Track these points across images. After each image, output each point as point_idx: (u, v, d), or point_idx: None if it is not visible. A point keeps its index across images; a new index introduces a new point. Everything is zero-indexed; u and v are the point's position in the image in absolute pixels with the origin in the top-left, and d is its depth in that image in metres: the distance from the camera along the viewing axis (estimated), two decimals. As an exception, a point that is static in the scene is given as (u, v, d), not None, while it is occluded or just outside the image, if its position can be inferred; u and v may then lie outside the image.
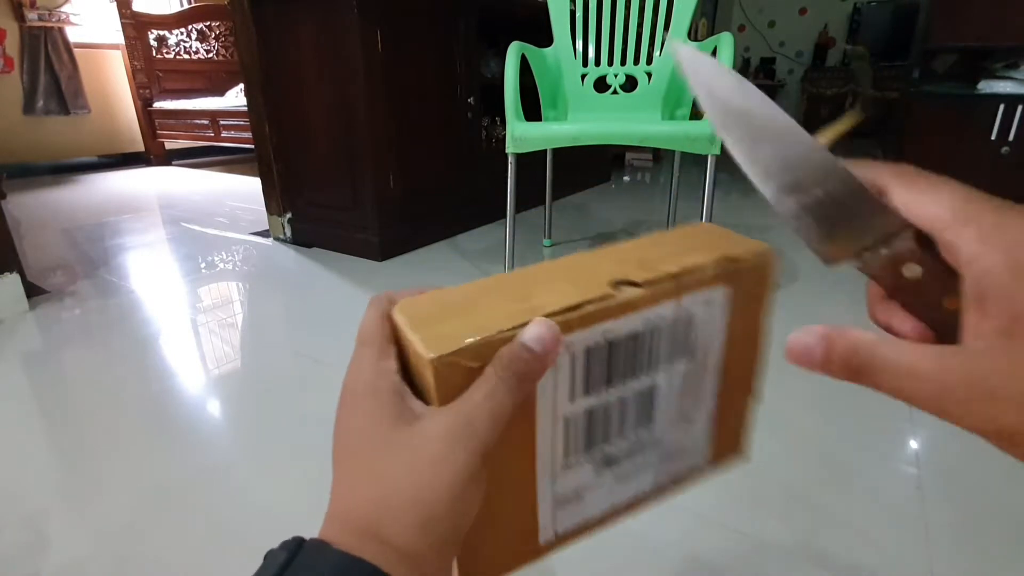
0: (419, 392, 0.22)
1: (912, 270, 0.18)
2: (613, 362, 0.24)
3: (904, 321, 0.20)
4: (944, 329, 0.18)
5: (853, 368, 0.18)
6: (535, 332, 0.21)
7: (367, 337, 0.23)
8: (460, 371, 0.21)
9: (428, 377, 0.21)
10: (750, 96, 0.21)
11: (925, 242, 0.18)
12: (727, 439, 0.30)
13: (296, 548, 0.19)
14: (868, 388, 0.18)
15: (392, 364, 0.22)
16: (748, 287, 0.26)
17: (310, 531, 0.20)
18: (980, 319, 0.16)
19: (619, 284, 0.24)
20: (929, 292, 0.19)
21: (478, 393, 0.20)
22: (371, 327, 0.24)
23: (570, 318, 0.22)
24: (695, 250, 0.26)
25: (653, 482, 0.28)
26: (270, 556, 0.19)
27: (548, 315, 0.22)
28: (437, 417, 0.20)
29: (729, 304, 0.26)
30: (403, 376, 0.22)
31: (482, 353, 0.21)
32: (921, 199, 0.18)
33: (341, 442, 0.22)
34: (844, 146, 4.39)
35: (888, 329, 0.21)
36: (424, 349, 0.21)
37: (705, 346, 0.26)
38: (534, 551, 0.26)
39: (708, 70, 0.22)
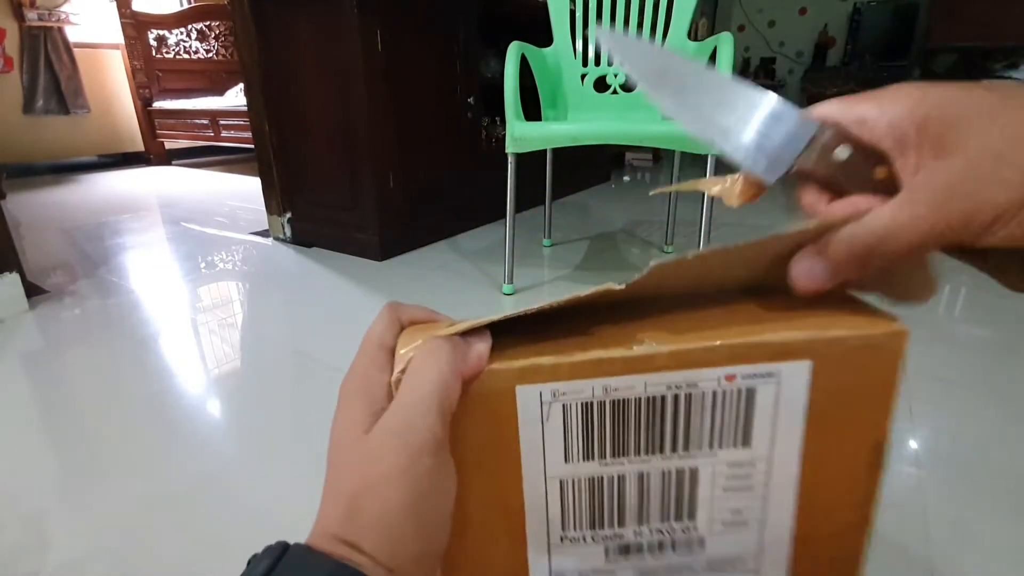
0: None
1: (842, 152, 0.20)
2: (622, 428, 0.21)
3: (843, 206, 0.22)
4: (881, 198, 0.20)
5: (861, 256, 0.19)
6: (454, 328, 0.22)
7: (366, 344, 0.24)
8: None
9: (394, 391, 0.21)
10: (667, 56, 0.24)
11: (848, 133, 0.20)
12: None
13: (280, 553, 0.19)
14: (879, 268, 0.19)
15: (382, 375, 0.22)
16: (853, 372, 0.20)
17: (309, 531, 0.20)
18: (912, 158, 0.19)
19: (642, 338, 0.20)
20: (861, 168, 0.20)
21: (405, 386, 0.21)
22: (373, 335, 0.24)
23: (559, 364, 0.20)
24: (784, 318, 0.21)
25: None
26: (253, 561, 0.19)
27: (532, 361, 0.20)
28: (380, 423, 0.21)
29: (814, 387, 0.20)
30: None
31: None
32: (853, 101, 0.21)
33: (333, 447, 0.22)
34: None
35: (814, 210, 0.23)
36: (396, 367, 0.21)
37: (767, 436, 0.21)
38: None
39: (627, 44, 0.25)
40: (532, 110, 1.45)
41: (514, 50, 1.36)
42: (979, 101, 0.18)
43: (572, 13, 1.56)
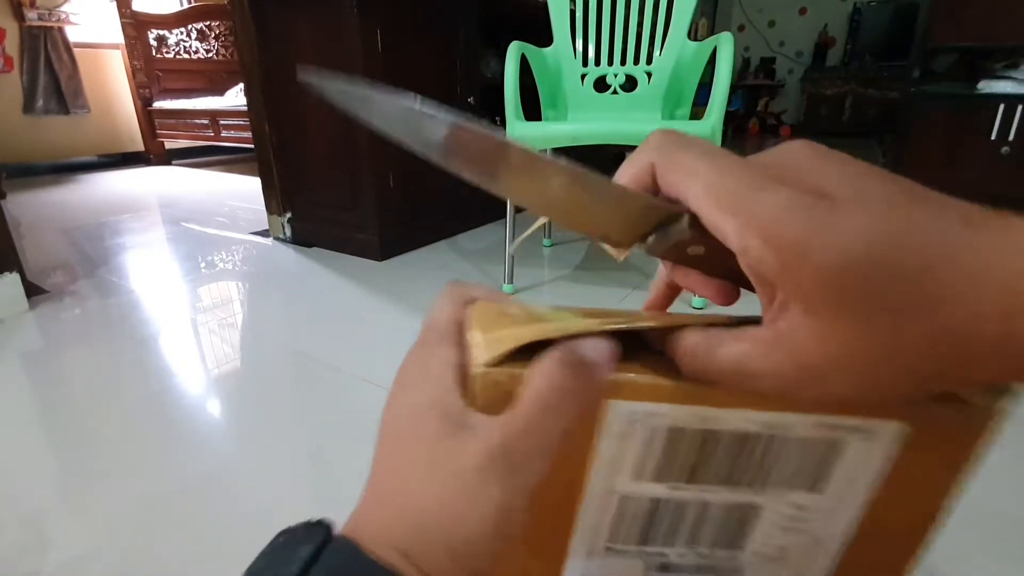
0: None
1: (696, 250, 0.18)
2: (706, 458, 0.20)
3: (706, 284, 0.20)
4: (745, 280, 0.18)
5: (698, 375, 0.18)
6: (594, 342, 0.18)
7: (434, 323, 0.21)
8: (504, 397, 0.18)
9: (474, 387, 0.19)
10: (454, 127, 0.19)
11: (704, 231, 0.17)
12: None
13: (322, 543, 0.17)
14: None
15: (454, 355, 0.20)
16: (941, 440, 0.19)
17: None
18: (773, 294, 0.16)
19: None
20: (717, 262, 0.19)
21: (520, 420, 0.18)
22: (440, 313, 0.22)
23: (660, 385, 0.18)
24: None
25: None
26: (290, 543, 0.17)
27: (631, 377, 0.18)
28: (479, 440, 0.18)
29: (904, 449, 0.19)
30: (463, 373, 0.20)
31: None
32: (679, 181, 0.18)
33: (386, 433, 0.19)
34: (843, 147, 4.38)
35: (692, 290, 0.21)
36: (476, 347, 0.19)
37: (840, 487, 0.20)
38: None
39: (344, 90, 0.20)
40: (532, 110, 1.45)
41: (514, 50, 1.36)
42: (854, 246, 0.14)
43: (572, 13, 1.56)
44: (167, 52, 3.98)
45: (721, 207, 0.16)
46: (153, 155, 4.07)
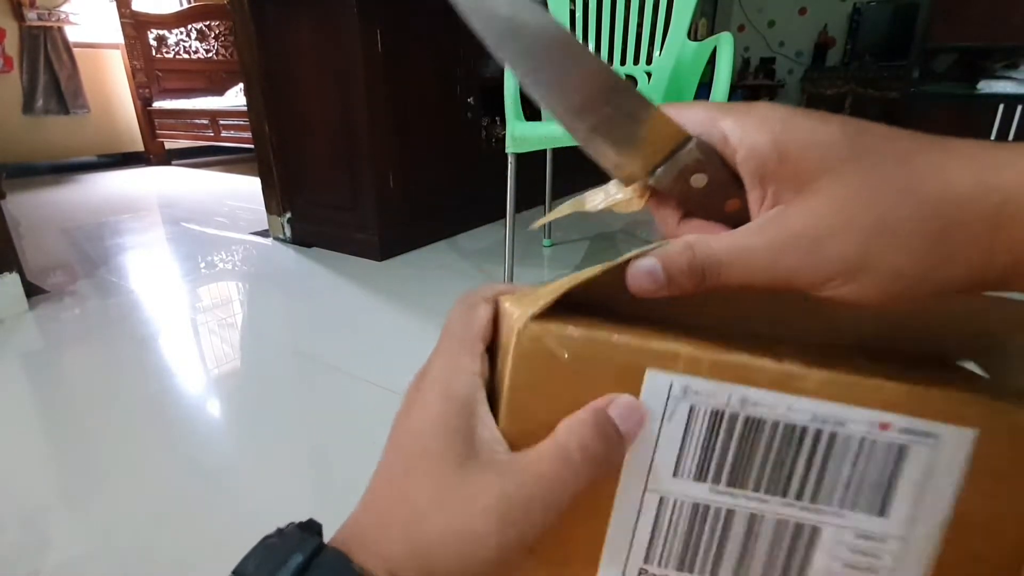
0: (494, 389, 0.19)
1: (699, 180, 0.19)
2: (749, 451, 0.18)
3: (706, 228, 0.21)
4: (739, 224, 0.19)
5: (698, 273, 0.18)
6: (623, 407, 0.17)
7: (453, 328, 0.21)
8: (543, 357, 0.17)
9: (508, 352, 0.17)
10: (520, 7, 0.21)
11: (709, 152, 0.19)
12: None
13: (313, 552, 0.16)
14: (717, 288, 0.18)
15: (473, 363, 0.19)
16: (1018, 451, 0.17)
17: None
18: (766, 190, 0.18)
19: (793, 353, 0.18)
20: (714, 198, 0.20)
21: (543, 465, 0.17)
22: (459, 318, 0.21)
23: (700, 356, 0.17)
24: (945, 378, 0.18)
25: None
26: (281, 548, 0.17)
27: (668, 347, 0.17)
28: (490, 479, 0.17)
29: (976, 459, 0.17)
30: (486, 381, 0.19)
31: (577, 346, 0.17)
32: (689, 110, 0.20)
33: (396, 450, 0.19)
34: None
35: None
36: (514, 312, 0.18)
37: (908, 507, 0.17)
38: None
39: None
40: (532, 110, 1.45)
41: (514, 50, 1.36)
42: (841, 143, 0.16)
43: (572, 13, 1.56)
44: (167, 52, 3.97)
45: (724, 112, 0.19)
46: (153, 155, 4.07)
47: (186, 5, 4.18)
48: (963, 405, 0.17)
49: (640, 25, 1.52)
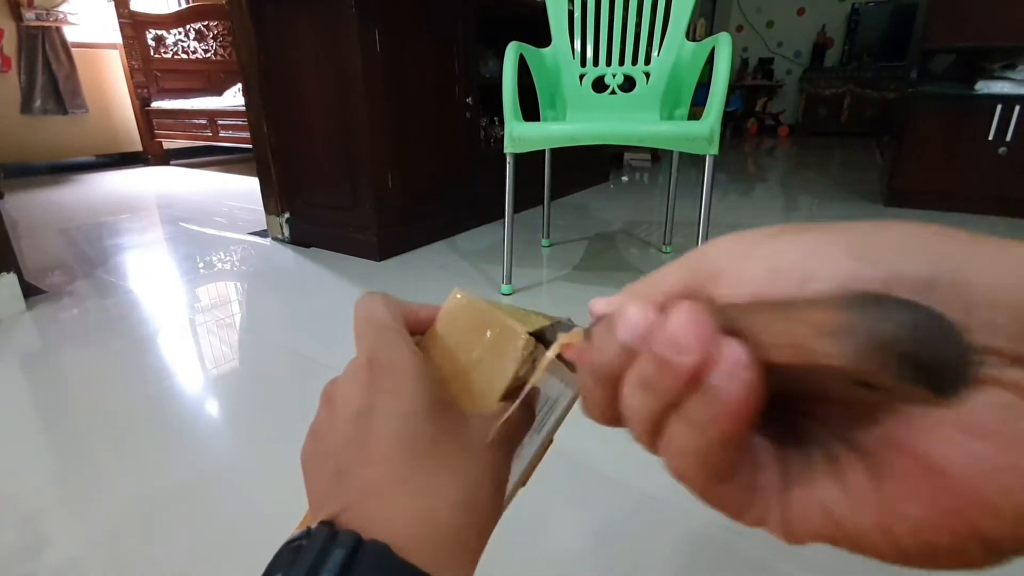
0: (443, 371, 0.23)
1: None
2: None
3: None
4: None
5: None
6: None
7: (388, 322, 0.21)
8: (527, 368, 0.21)
9: (505, 355, 0.21)
10: None
11: None
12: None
13: (354, 547, 0.16)
14: None
15: (421, 354, 0.21)
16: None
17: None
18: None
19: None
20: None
21: (518, 410, 0.20)
22: (385, 313, 0.21)
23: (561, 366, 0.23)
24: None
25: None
26: (316, 548, 0.16)
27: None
28: (485, 421, 0.19)
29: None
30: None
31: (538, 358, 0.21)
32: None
33: (391, 429, 0.18)
34: (842, 147, 4.40)
35: None
36: (519, 330, 0.21)
37: (546, 425, 0.28)
38: None
39: None
40: (531, 110, 1.45)
41: (512, 50, 1.36)
42: None
43: (571, 13, 1.56)
44: (165, 52, 3.97)
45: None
46: (151, 155, 4.07)
47: (184, 5, 4.18)
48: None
49: (639, 25, 1.52)
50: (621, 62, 1.56)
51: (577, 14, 1.55)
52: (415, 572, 0.16)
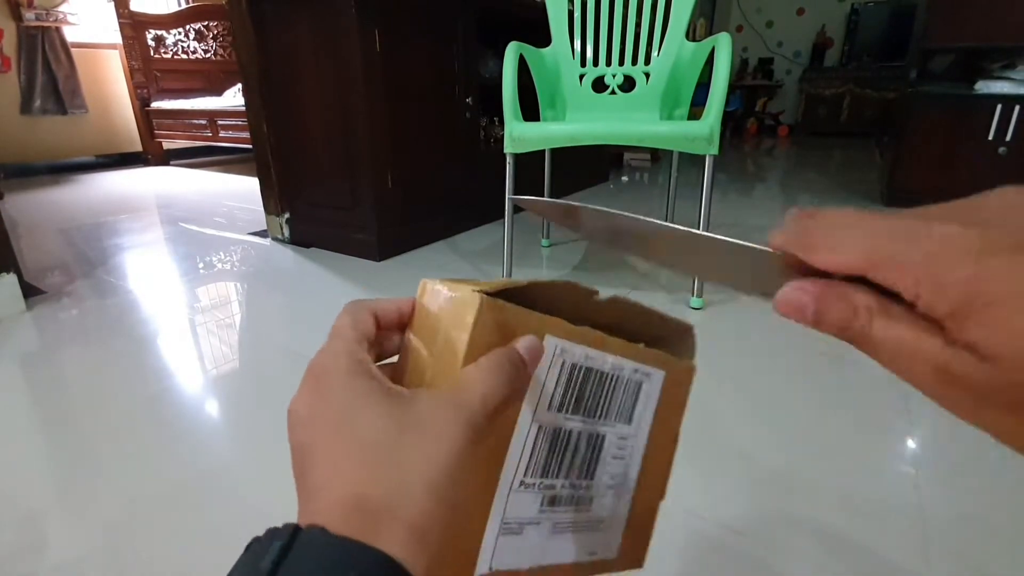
0: (418, 374, 0.24)
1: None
2: (584, 389, 0.27)
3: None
4: None
5: (847, 337, 0.17)
6: (529, 343, 0.23)
7: (341, 331, 0.24)
8: (491, 323, 0.22)
9: (464, 325, 0.22)
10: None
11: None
12: (633, 539, 0.31)
13: (291, 536, 0.17)
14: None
15: (367, 356, 0.23)
16: (676, 383, 0.30)
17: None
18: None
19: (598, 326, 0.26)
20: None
21: (471, 375, 0.21)
22: (344, 324, 0.24)
23: (570, 328, 0.25)
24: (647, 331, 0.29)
25: (574, 557, 0.29)
26: (257, 545, 0.18)
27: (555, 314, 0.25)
28: (431, 394, 0.21)
29: (662, 389, 0.30)
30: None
31: (511, 315, 0.23)
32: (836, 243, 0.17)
33: (326, 425, 0.20)
34: (841, 147, 4.40)
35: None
36: (469, 293, 0.22)
37: (639, 419, 0.29)
38: None
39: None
40: (531, 110, 1.45)
41: (512, 50, 1.36)
42: None
43: (571, 13, 1.56)
44: (165, 52, 3.97)
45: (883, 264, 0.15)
46: (151, 155, 4.07)
47: (184, 5, 4.18)
48: (660, 358, 0.29)
49: (638, 26, 1.52)
50: (621, 62, 1.56)
51: (577, 14, 1.55)
52: (346, 541, 0.17)
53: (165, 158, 4.14)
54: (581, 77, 1.59)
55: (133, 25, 3.77)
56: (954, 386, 0.14)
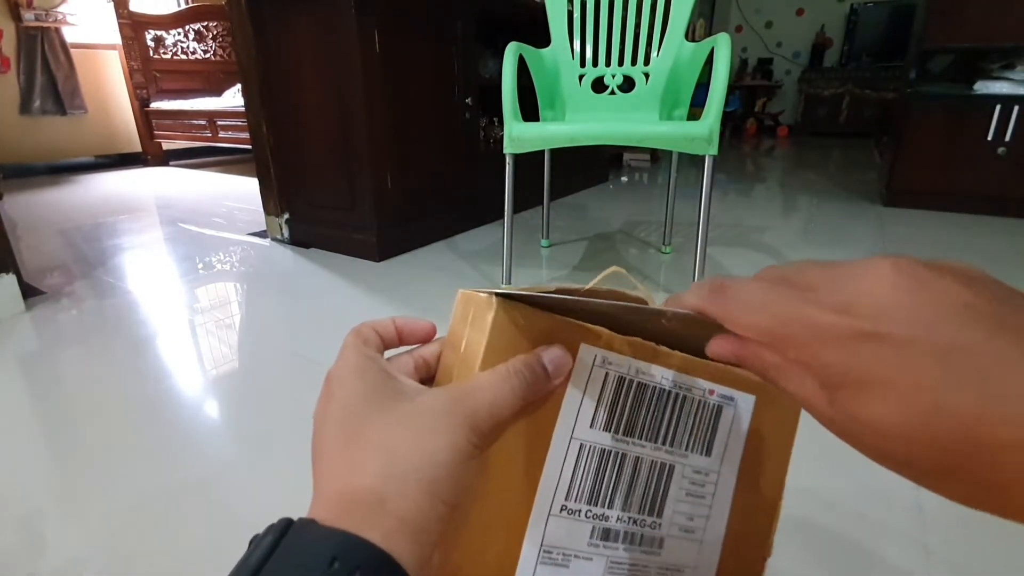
0: (446, 372, 0.24)
1: None
2: (638, 407, 0.24)
3: None
4: None
5: (763, 379, 0.20)
6: (554, 353, 0.23)
7: (349, 342, 0.24)
8: (511, 328, 0.21)
9: (483, 329, 0.21)
10: None
11: None
12: None
13: (284, 529, 0.18)
14: None
15: (379, 356, 0.23)
16: (775, 413, 0.26)
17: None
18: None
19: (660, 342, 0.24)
20: None
21: (483, 378, 0.21)
22: (351, 336, 0.25)
23: (613, 336, 0.23)
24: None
25: None
26: (255, 540, 0.18)
27: (598, 322, 0.23)
28: (436, 391, 0.21)
29: (754, 417, 0.26)
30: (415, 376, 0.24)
31: (537, 320, 0.22)
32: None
33: (332, 423, 0.21)
34: (840, 147, 4.40)
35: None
36: (486, 295, 0.22)
37: (722, 451, 0.25)
38: None
39: None
40: (530, 111, 1.45)
41: (512, 50, 1.36)
42: None
43: (570, 14, 1.56)
44: (164, 53, 3.97)
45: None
46: (151, 156, 4.07)
47: (183, 6, 4.18)
48: (748, 380, 0.25)
49: (638, 26, 1.52)
50: (620, 62, 1.56)
51: (577, 14, 1.55)
52: (334, 532, 0.17)
53: (164, 159, 4.14)
54: (581, 77, 1.59)
55: (132, 25, 3.77)
56: (842, 434, 0.18)
